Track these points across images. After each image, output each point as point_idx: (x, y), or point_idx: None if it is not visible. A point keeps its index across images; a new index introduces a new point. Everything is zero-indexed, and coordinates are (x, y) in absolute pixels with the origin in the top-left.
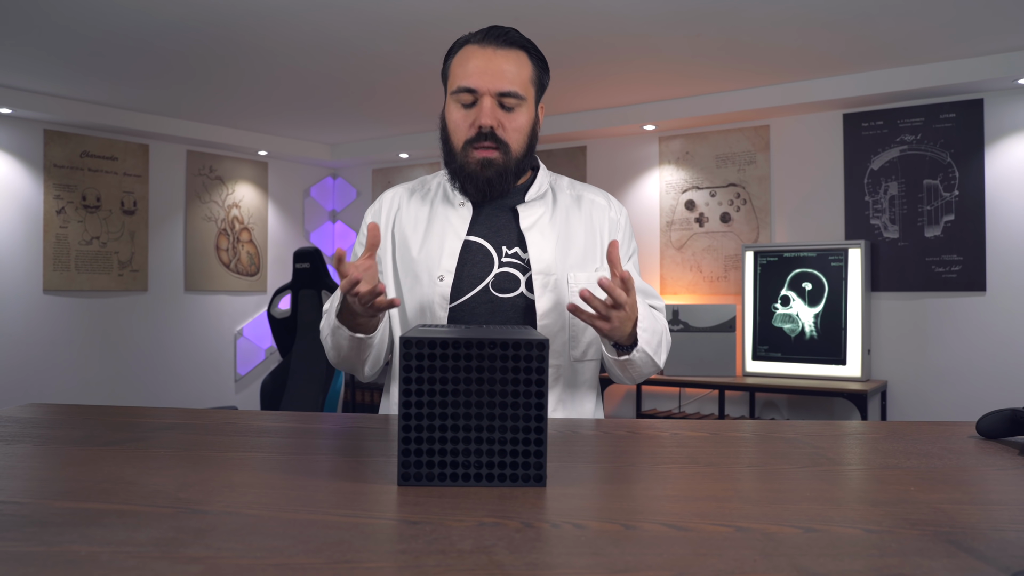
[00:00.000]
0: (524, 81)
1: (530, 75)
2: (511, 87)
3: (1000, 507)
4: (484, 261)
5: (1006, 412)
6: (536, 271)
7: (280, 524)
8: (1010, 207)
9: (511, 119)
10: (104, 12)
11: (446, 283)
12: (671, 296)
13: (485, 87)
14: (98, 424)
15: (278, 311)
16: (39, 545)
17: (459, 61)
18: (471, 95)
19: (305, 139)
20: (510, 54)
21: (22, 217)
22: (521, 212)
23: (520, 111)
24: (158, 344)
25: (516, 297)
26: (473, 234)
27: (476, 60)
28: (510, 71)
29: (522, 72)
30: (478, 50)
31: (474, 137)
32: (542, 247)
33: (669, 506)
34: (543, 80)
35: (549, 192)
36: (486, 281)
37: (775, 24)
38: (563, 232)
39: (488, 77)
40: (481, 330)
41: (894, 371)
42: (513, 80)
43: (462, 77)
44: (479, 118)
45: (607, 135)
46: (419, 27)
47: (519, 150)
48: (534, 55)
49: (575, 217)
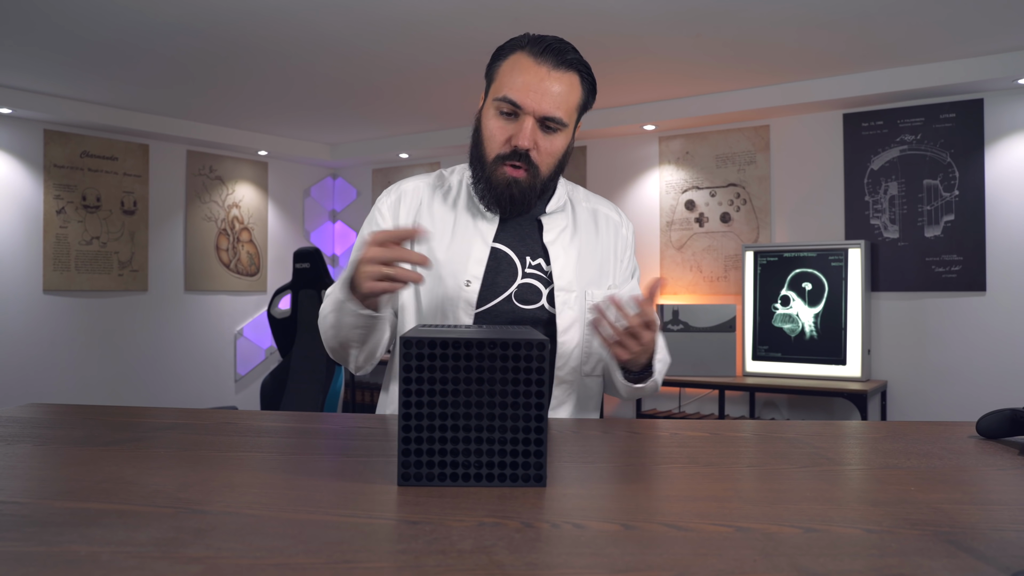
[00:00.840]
0: (571, 107)
1: (578, 101)
2: (557, 113)
3: (1000, 507)
4: (509, 270)
5: (1006, 412)
6: (559, 287)
7: (280, 524)
8: (1010, 207)
9: (549, 143)
10: (104, 12)
11: (473, 289)
12: (671, 296)
13: (531, 107)
14: (98, 424)
15: (278, 311)
16: (39, 545)
17: (509, 68)
18: (514, 108)
19: (305, 139)
20: (564, 76)
21: (22, 217)
22: (545, 224)
23: (559, 136)
24: (158, 344)
25: (537, 309)
26: (499, 241)
27: (528, 76)
28: (560, 95)
29: (571, 97)
30: (532, 65)
31: (508, 154)
32: (564, 262)
33: (669, 506)
34: (589, 104)
35: (568, 204)
36: (510, 291)
37: (775, 24)
38: (583, 248)
39: (536, 97)
40: (480, 330)
41: (894, 371)
42: (560, 105)
43: (510, 88)
44: (517, 137)
45: (607, 135)
46: (419, 27)
47: (548, 173)
48: (586, 79)
49: (592, 233)
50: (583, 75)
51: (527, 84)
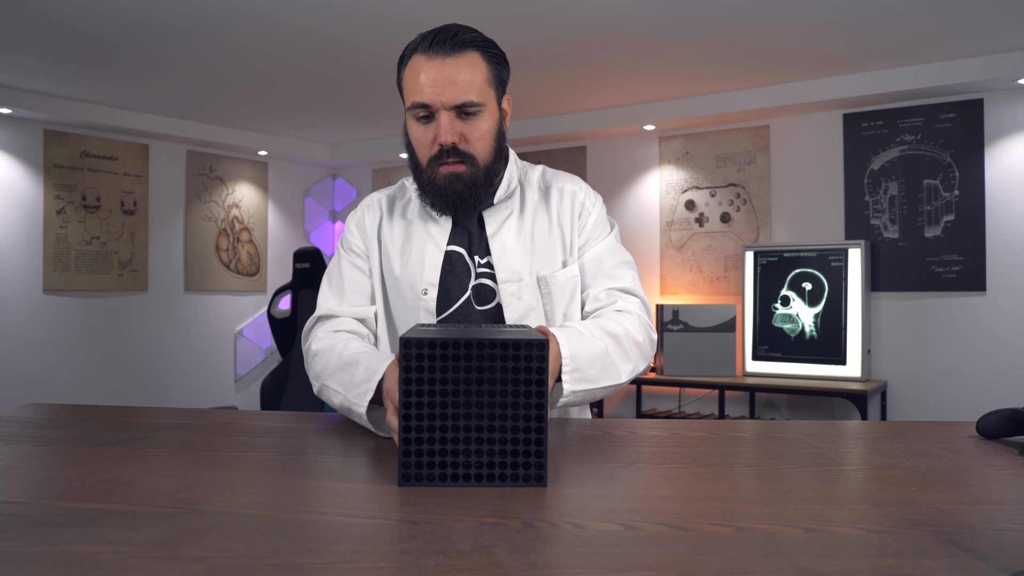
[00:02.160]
0: (480, 86)
1: (486, 77)
2: (466, 97)
3: (1000, 507)
4: (464, 272)
5: (1006, 412)
6: (501, 279)
7: (280, 524)
8: (1010, 207)
9: (472, 128)
10: (104, 12)
11: (431, 297)
12: (671, 296)
13: (439, 101)
14: (98, 424)
15: (278, 311)
16: (39, 545)
17: (409, 74)
18: (426, 110)
19: (305, 139)
20: (460, 60)
21: (22, 217)
22: (487, 218)
23: (481, 117)
24: (158, 344)
25: (493, 308)
26: (453, 243)
27: (426, 72)
28: (464, 79)
29: (476, 76)
30: (426, 61)
31: (437, 154)
32: (504, 253)
33: (669, 506)
34: (502, 75)
35: (517, 189)
36: (467, 294)
37: (775, 24)
38: (529, 232)
39: (440, 90)
40: (481, 330)
41: (894, 371)
42: (468, 89)
43: (415, 92)
44: (438, 135)
45: (607, 135)
46: (418, 27)
47: (486, 157)
48: (488, 52)
49: (541, 213)
50: (483, 50)
51: (428, 80)
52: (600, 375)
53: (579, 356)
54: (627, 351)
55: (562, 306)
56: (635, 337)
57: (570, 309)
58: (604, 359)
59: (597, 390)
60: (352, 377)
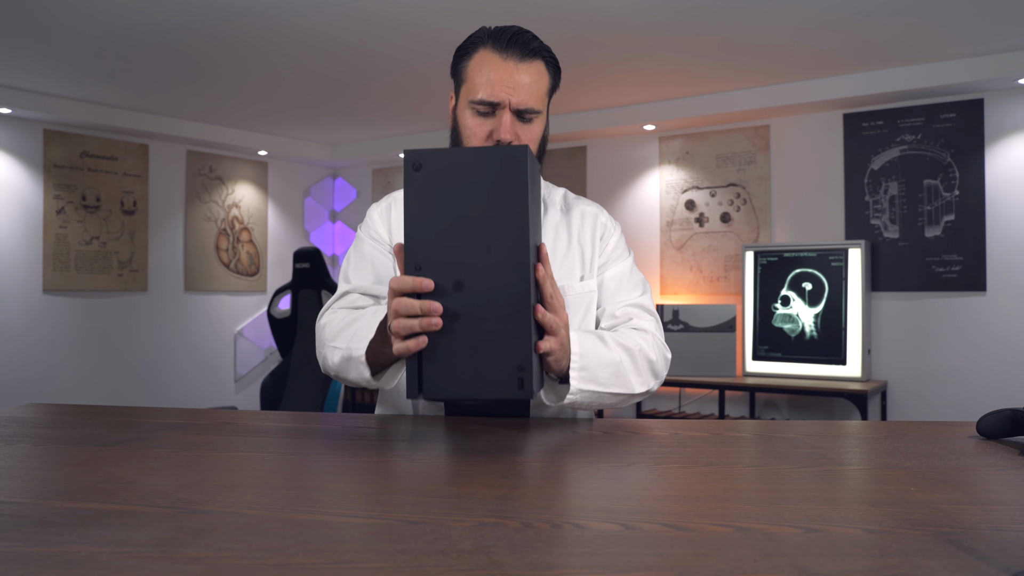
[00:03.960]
0: (541, 95)
1: (547, 87)
2: (529, 103)
3: (1000, 507)
4: None
5: (1006, 412)
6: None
7: (280, 524)
8: (1010, 207)
9: (527, 131)
10: (104, 12)
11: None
12: (671, 296)
13: (507, 101)
14: (98, 424)
15: (278, 311)
16: (39, 545)
17: (476, 66)
18: (490, 107)
19: (305, 139)
20: (532, 67)
21: (22, 217)
22: None
23: (536, 123)
24: (158, 344)
25: None
26: None
27: (496, 72)
28: (531, 85)
29: (541, 85)
30: (498, 61)
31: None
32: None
33: (669, 506)
34: (556, 85)
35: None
36: None
37: (775, 24)
38: (550, 246)
39: (509, 90)
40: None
41: (894, 371)
42: (533, 95)
43: (482, 87)
44: (498, 131)
45: (607, 135)
46: (418, 27)
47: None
48: (551, 63)
49: (562, 230)
50: (548, 60)
51: (498, 80)
52: (610, 380)
53: (589, 356)
54: (639, 366)
55: (576, 319)
56: (648, 355)
57: (584, 324)
58: (616, 367)
59: (605, 394)
60: (355, 332)
